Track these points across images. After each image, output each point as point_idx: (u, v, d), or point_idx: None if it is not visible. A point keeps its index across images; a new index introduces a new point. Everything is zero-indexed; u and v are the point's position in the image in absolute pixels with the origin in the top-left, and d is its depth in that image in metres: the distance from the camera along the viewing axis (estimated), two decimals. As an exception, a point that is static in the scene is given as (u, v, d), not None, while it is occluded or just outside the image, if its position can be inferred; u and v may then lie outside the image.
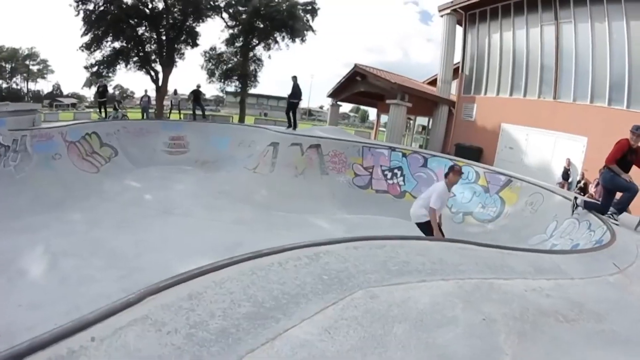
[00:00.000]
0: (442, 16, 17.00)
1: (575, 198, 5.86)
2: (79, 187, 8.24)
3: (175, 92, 15.45)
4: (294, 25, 22.51)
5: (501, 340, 1.60)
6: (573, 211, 5.59)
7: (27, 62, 63.68)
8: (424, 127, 20.71)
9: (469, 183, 8.52)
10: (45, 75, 67.04)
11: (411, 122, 20.74)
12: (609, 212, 5.15)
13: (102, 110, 13.65)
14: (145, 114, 14.97)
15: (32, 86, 64.30)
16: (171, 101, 15.06)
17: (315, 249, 2.01)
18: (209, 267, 1.57)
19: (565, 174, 11.66)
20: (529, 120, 13.84)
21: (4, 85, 60.45)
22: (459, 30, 17.03)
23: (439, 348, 1.44)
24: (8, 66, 62.20)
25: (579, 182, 11.13)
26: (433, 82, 19.82)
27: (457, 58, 17.38)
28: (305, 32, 23.51)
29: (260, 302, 1.43)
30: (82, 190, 8.15)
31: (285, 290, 1.55)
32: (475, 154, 14.23)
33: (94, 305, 1.25)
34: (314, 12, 23.41)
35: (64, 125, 9.55)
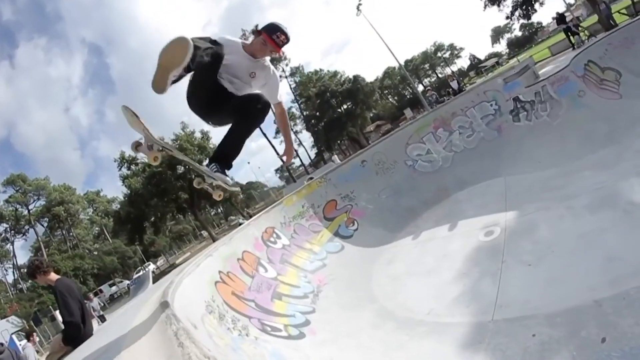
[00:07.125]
0: None
1: None
2: (623, 119, 6.70)
3: None
4: None
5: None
6: None
7: (437, 55, 77.41)
8: None
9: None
10: (459, 55, 77.65)
11: None
12: None
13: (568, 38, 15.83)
14: None
15: (454, 68, 76.60)
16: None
17: None
18: None
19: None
20: None
21: (433, 80, 76.47)
22: None
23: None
24: (427, 66, 78.91)
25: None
26: None
27: None
28: None
29: None
30: (631, 123, 6.48)
31: None
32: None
33: None
34: None
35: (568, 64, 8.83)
